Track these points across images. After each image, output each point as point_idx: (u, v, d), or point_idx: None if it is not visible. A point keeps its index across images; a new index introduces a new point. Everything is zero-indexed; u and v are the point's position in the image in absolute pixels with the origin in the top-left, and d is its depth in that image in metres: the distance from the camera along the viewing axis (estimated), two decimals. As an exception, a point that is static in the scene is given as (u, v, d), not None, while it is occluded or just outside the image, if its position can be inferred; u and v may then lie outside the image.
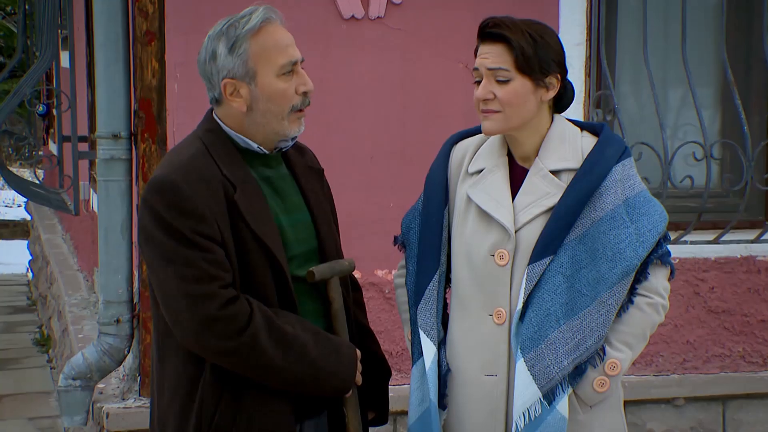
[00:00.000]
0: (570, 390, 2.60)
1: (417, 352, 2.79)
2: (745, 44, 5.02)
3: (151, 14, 4.07)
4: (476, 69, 2.65)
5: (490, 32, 2.62)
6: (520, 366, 2.59)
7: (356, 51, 4.32)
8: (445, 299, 2.83)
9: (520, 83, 2.61)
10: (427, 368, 2.74)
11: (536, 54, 2.60)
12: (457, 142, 2.86)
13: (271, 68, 2.53)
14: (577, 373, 2.60)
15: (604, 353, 2.61)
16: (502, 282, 2.67)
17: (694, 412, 4.80)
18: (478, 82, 2.65)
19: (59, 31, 5.45)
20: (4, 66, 13.75)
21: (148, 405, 4.11)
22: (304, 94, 2.59)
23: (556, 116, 2.73)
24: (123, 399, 4.28)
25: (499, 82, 2.61)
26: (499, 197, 2.68)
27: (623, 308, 2.63)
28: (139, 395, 4.28)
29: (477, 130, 2.84)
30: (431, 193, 2.81)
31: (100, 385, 4.38)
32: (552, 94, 2.67)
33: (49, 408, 6.02)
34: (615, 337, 2.63)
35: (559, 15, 4.46)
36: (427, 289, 2.76)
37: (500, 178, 2.71)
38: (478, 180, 2.73)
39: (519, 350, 2.60)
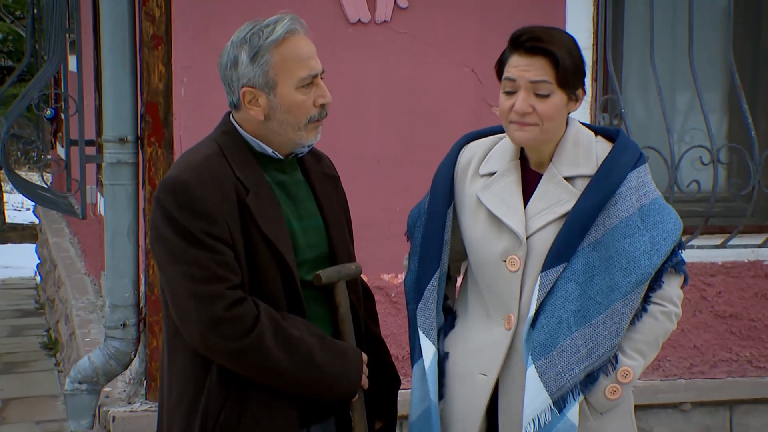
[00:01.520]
0: (581, 397, 2.60)
1: (417, 352, 2.80)
2: (753, 48, 5.01)
3: (158, 18, 4.07)
4: (511, 80, 2.60)
5: (532, 46, 2.57)
6: (531, 373, 2.59)
7: (363, 55, 4.32)
8: (446, 295, 2.84)
9: (559, 97, 2.59)
10: (426, 368, 2.75)
11: (573, 69, 2.59)
12: (468, 143, 2.85)
13: (291, 80, 2.53)
14: (588, 381, 2.60)
15: (617, 361, 2.61)
16: (512, 288, 2.66)
17: (701, 417, 4.79)
18: (509, 93, 2.62)
19: (67, 35, 5.46)
20: (13, 70, 13.78)
21: (155, 409, 4.13)
22: (322, 106, 2.59)
23: (571, 120, 2.71)
24: (129, 403, 4.29)
25: (538, 95, 2.58)
26: (510, 202, 2.67)
27: (637, 316, 2.61)
28: (146, 399, 4.28)
29: (490, 132, 2.83)
30: (436, 193, 2.81)
31: (107, 389, 4.39)
32: (579, 105, 2.66)
33: (56, 411, 6.02)
34: (628, 344, 2.62)
35: (565, 19, 4.46)
36: (427, 289, 2.77)
37: (512, 182, 2.70)
38: (490, 183, 2.72)
39: (530, 357, 2.59)
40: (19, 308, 9.15)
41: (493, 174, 2.73)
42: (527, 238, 2.64)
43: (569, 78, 2.58)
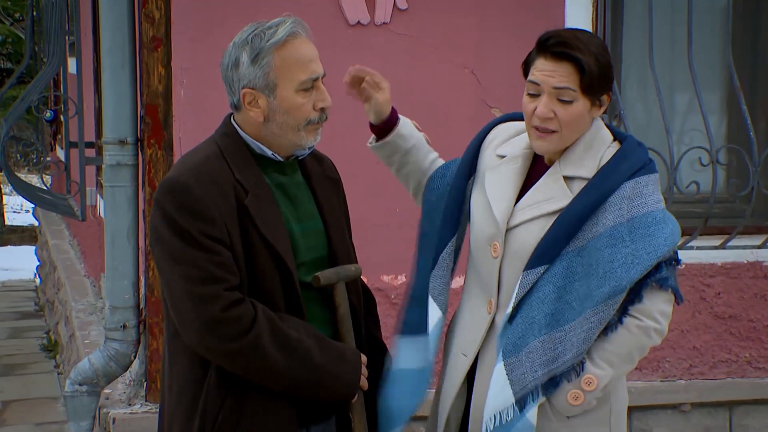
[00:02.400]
0: (541, 399, 2.59)
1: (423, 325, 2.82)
2: (752, 49, 5.02)
3: (158, 20, 4.08)
4: (535, 83, 2.59)
5: (558, 52, 2.55)
6: (499, 369, 2.60)
7: (362, 56, 4.30)
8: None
9: (582, 104, 2.58)
10: (430, 330, 2.77)
11: (600, 75, 2.57)
12: (502, 122, 2.86)
13: (292, 83, 2.54)
14: (551, 385, 2.58)
15: (583, 369, 2.58)
16: (493, 273, 2.68)
17: (700, 417, 4.79)
18: (532, 95, 2.61)
19: (66, 37, 5.47)
20: (12, 72, 13.79)
21: (155, 410, 4.13)
22: (322, 109, 2.60)
23: (595, 120, 2.68)
24: (129, 404, 4.29)
25: (561, 101, 2.56)
26: (504, 189, 2.69)
27: (612, 327, 2.57)
28: (146, 401, 4.28)
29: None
30: (462, 165, 2.84)
31: (107, 391, 4.39)
32: (603, 110, 2.65)
33: (56, 413, 6.02)
34: (598, 354, 2.59)
35: (564, 20, 4.47)
36: (441, 257, 2.79)
37: (515, 170, 2.71)
38: (498, 166, 2.74)
39: (501, 353, 2.60)
40: (19, 310, 9.14)
41: (505, 157, 2.75)
42: (511, 228, 2.65)
43: (594, 85, 2.57)
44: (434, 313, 2.78)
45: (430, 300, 2.79)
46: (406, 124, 2.91)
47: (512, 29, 4.35)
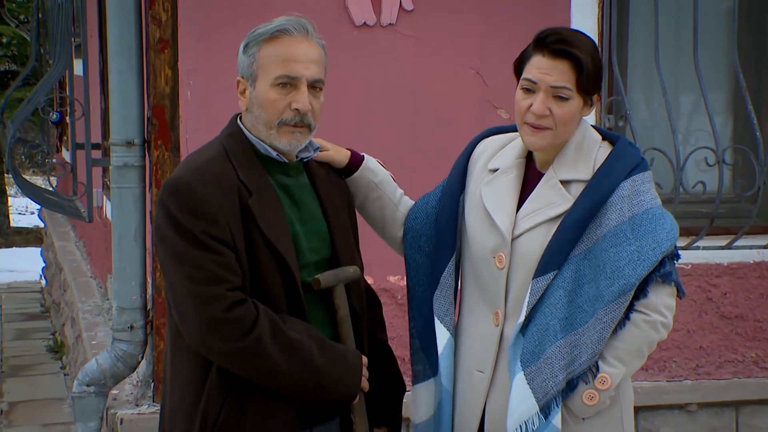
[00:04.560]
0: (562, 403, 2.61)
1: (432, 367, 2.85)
2: (757, 50, 5.02)
3: (164, 22, 4.09)
4: (532, 81, 2.60)
5: (558, 49, 2.56)
6: (519, 379, 2.60)
7: (368, 57, 4.33)
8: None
9: (576, 102, 2.60)
10: (439, 352, 2.78)
11: (595, 73, 2.59)
12: (487, 137, 2.88)
13: (267, 77, 2.56)
14: (568, 388, 2.60)
15: (598, 369, 2.59)
16: (499, 284, 2.68)
17: (707, 417, 4.79)
18: (526, 90, 2.61)
19: (72, 39, 5.48)
20: (18, 74, 13.81)
21: (162, 411, 4.14)
22: (297, 111, 2.57)
23: (581, 121, 2.70)
24: (137, 405, 4.29)
25: (557, 98, 2.58)
26: (504, 200, 2.70)
27: (620, 324, 2.59)
28: (153, 401, 4.29)
29: (511, 128, 2.83)
30: (451, 182, 2.86)
31: (114, 392, 4.40)
32: (592, 110, 2.67)
33: (62, 414, 6.04)
34: (609, 352, 2.60)
35: (570, 21, 4.47)
36: (442, 277, 2.80)
37: (510, 180, 2.72)
38: (492, 179, 2.75)
39: (519, 363, 2.61)
40: (25, 311, 9.17)
41: (498, 170, 2.76)
42: (516, 238, 2.65)
43: (590, 84, 2.59)
44: (442, 335, 2.78)
45: (437, 322, 2.79)
46: (371, 160, 2.95)
47: (518, 31, 4.34)
